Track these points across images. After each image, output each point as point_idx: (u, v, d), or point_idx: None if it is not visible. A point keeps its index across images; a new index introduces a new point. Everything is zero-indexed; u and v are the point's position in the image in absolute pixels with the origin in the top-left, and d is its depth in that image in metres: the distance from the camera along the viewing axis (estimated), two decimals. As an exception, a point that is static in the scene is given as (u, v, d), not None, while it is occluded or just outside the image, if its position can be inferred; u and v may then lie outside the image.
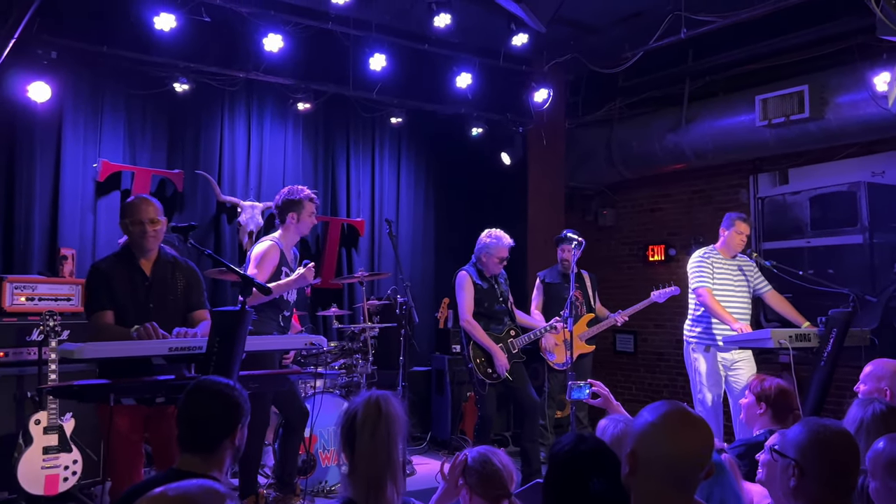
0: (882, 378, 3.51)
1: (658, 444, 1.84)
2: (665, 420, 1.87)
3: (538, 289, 6.44)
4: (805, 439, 2.05)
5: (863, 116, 5.96)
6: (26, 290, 4.91)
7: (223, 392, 2.36)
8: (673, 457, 1.82)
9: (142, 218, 3.53)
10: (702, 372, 5.43)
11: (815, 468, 2.00)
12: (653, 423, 1.88)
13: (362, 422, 2.20)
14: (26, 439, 4.43)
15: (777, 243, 7.09)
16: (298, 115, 6.93)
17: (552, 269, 6.50)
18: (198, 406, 2.33)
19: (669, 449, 1.82)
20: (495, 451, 2.77)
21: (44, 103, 5.43)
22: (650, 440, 1.86)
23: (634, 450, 1.88)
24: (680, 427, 1.85)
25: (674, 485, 1.82)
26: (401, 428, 2.24)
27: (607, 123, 8.00)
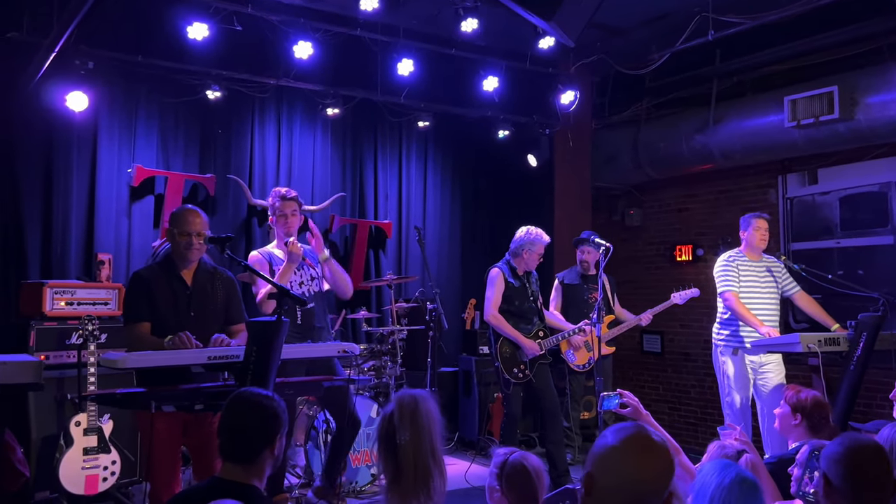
0: None
1: (616, 469, 1.80)
2: (625, 444, 1.82)
3: (557, 290, 6.47)
4: (835, 452, 2.11)
5: (893, 117, 5.91)
6: (66, 294, 5.06)
7: (262, 404, 2.43)
8: (630, 482, 1.78)
9: (189, 230, 3.61)
10: (730, 375, 5.44)
11: (840, 481, 2.06)
12: (613, 447, 1.83)
13: (400, 417, 2.24)
14: (67, 440, 4.56)
15: (806, 244, 7.06)
16: (327, 120, 7.02)
17: (571, 270, 6.52)
18: (238, 418, 2.40)
19: (627, 474, 1.79)
20: (527, 455, 2.85)
21: (81, 112, 5.56)
22: (608, 464, 1.82)
23: (591, 472, 1.84)
24: (640, 453, 1.81)
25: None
26: (437, 421, 2.29)
27: (634, 124, 7.99)
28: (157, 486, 3.46)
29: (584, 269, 6.36)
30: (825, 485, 2.10)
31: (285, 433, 2.48)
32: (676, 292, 6.28)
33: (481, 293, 7.17)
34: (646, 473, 1.79)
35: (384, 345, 5.86)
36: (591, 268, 6.43)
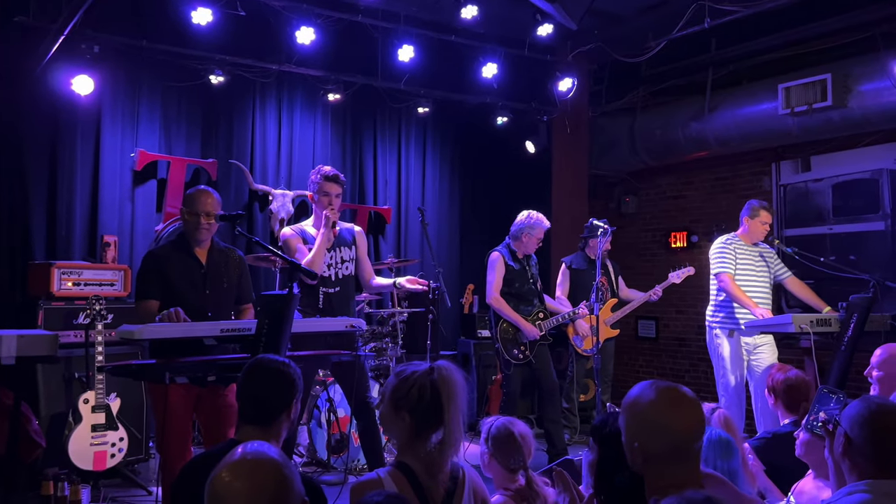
0: (892, 363, 3.59)
1: (661, 429, 1.91)
2: (659, 404, 1.95)
3: (564, 275, 6.55)
4: (859, 413, 2.16)
5: (886, 104, 6.02)
6: (73, 275, 5.13)
7: (280, 370, 2.51)
8: (676, 435, 1.91)
9: (199, 210, 3.68)
10: (725, 356, 5.54)
11: (862, 441, 2.12)
12: (646, 412, 1.95)
13: (447, 396, 2.26)
14: (76, 417, 4.64)
15: (799, 230, 7.18)
16: (327, 106, 7.10)
17: (577, 255, 6.61)
18: (258, 383, 2.48)
19: (672, 428, 1.91)
20: (515, 421, 2.97)
21: (86, 96, 5.62)
22: (652, 427, 1.93)
23: (634, 442, 1.96)
24: (674, 407, 1.94)
25: (682, 458, 1.92)
26: (465, 394, 2.36)
27: (630, 112, 8.09)
28: (170, 459, 3.54)
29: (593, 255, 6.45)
30: (846, 443, 2.15)
31: (300, 398, 2.57)
32: (673, 272, 6.40)
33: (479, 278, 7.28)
34: (686, 423, 1.93)
35: (385, 327, 5.96)
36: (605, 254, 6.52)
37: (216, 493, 1.52)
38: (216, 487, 1.53)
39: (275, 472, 1.54)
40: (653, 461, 1.93)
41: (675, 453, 1.91)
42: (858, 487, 2.08)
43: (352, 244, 4.61)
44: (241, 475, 1.52)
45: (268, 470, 1.54)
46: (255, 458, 1.57)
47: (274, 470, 1.55)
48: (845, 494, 2.09)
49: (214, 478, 1.54)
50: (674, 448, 1.91)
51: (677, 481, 1.87)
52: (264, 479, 1.52)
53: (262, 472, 1.53)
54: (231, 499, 1.49)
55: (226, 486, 1.51)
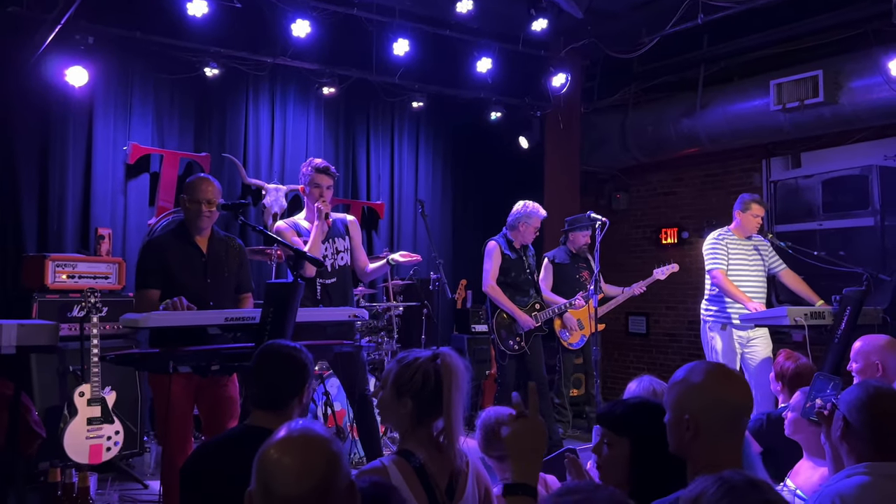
0: (870, 353, 3.61)
1: (715, 401, 1.94)
2: (712, 377, 1.98)
3: (547, 269, 6.49)
4: (858, 398, 2.20)
5: (876, 101, 6.09)
6: (67, 267, 5.08)
7: (292, 355, 2.50)
8: (731, 408, 1.94)
9: (199, 197, 3.66)
10: (718, 350, 5.57)
11: (861, 426, 2.16)
12: (702, 385, 1.96)
13: (449, 382, 2.25)
14: (71, 411, 4.58)
15: (789, 226, 7.24)
16: (320, 100, 7.07)
17: (559, 250, 6.57)
18: (269, 368, 2.47)
19: (726, 400, 1.94)
20: (500, 408, 2.97)
21: (79, 88, 5.57)
22: (706, 400, 1.94)
23: (689, 416, 1.95)
24: (726, 380, 1.98)
25: (732, 433, 1.95)
26: (467, 381, 2.36)
27: (622, 108, 8.13)
28: (172, 450, 3.51)
29: (580, 250, 6.47)
30: (844, 427, 2.19)
31: (312, 382, 2.56)
32: (657, 268, 6.43)
33: (472, 273, 7.30)
34: (739, 396, 1.97)
35: (380, 321, 5.95)
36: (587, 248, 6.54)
37: (266, 469, 1.50)
38: (265, 464, 1.50)
39: (324, 449, 1.52)
40: (704, 435, 1.93)
41: (727, 427, 1.94)
42: (857, 470, 2.11)
43: (345, 234, 4.58)
44: (290, 451, 1.50)
45: (317, 446, 1.52)
46: (303, 435, 1.54)
47: (323, 446, 1.52)
48: (844, 477, 2.11)
49: (263, 455, 1.52)
50: (728, 421, 1.93)
51: (725, 458, 1.88)
52: (315, 455, 1.50)
53: (312, 449, 1.51)
54: (280, 475, 1.47)
55: (275, 462, 1.48)
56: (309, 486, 1.46)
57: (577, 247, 6.46)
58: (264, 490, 1.48)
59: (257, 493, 1.50)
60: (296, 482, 1.46)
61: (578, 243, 6.44)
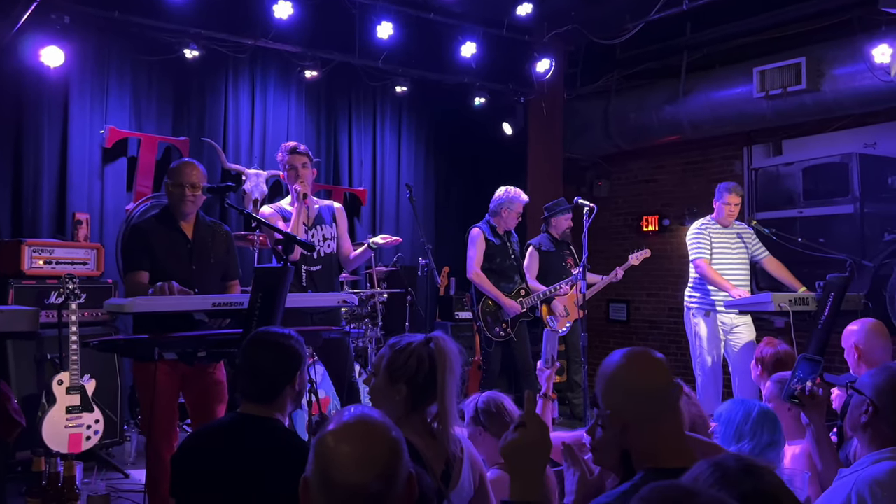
0: (857, 337, 3.63)
1: (629, 391, 1.83)
2: (621, 368, 1.86)
3: (532, 257, 6.43)
4: (884, 381, 2.17)
5: (858, 88, 6.12)
6: (44, 253, 4.97)
7: (281, 343, 2.44)
8: (646, 394, 1.81)
9: (183, 181, 3.57)
10: (702, 336, 5.59)
11: (890, 409, 2.13)
12: (614, 377, 1.86)
13: (442, 366, 2.22)
14: (49, 399, 4.49)
15: (770, 213, 7.28)
16: (301, 84, 6.97)
17: (542, 236, 6.52)
18: (258, 358, 2.40)
19: (641, 388, 1.82)
20: (499, 394, 2.95)
21: (55, 69, 5.43)
22: (620, 392, 1.85)
23: (613, 409, 1.86)
24: (637, 366, 1.86)
25: (658, 418, 1.82)
26: (460, 365, 2.33)
27: (605, 95, 8.11)
28: (157, 439, 3.43)
29: (563, 235, 6.44)
30: (873, 413, 2.15)
31: (305, 369, 2.50)
32: (632, 254, 6.46)
33: (455, 260, 7.25)
34: (649, 378, 1.83)
35: (364, 308, 5.90)
36: (569, 233, 6.52)
37: (325, 456, 1.42)
38: (325, 451, 1.42)
39: (386, 436, 1.45)
40: (632, 426, 1.83)
41: (651, 413, 1.81)
42: (884, 455, 2.09)
43: (333, 222, 4.53)
44: (351, 438, 1.42)
45: (379, 434, 1.45)
46: (363, 422, 1.47)
47: (385, 433, 1.45)
48: (871, 463, 2.09)
49: (321, 442, 1.44)
50: (648, 407, 1.81)
51: (663, 445, 1.80)
52: (377, 443, 1.43)
53: (374, 436, 1.44)
54: (340, 463, 1.39)
55: (335, 449, 1.41)
56: (372, 475, 1.39)
57: (560, 232, 6.42)
58: (322, 478, 1.41)
59: (314, 482, 1.43)
60: (357, 470, 1.39)
61: (561, 228, 6.40)
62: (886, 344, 3.63)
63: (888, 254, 6.50)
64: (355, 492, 1.38)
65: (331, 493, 1.40)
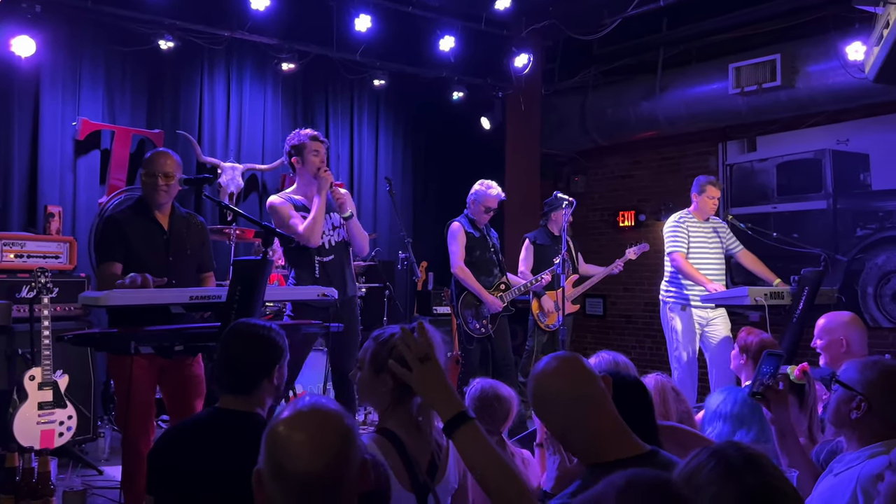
0: (835, 330, 3.66)
1: (547, 400, 1.83)
2: (536, 382, 1.86)
3: (528, 250, 6.40)
4: (876, 377, 2.14)
5: (831, 85, 6.20)
6: (15, 246, 4.88)
7: (259, 334, 2.39)
8: (561, 401, 1.82)
9: (156, 170, 3.51)
10: (678, 330, 5.62)
11: (883, 404, 2.11)
12: (534, 392, 1.86)
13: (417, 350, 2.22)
14: (21, 395, 4.41)
15: (744, 209, 7.35)
16: (278, 76, 6.91)
17: (540, 230, 6.54)
18: (234, 349, 2.35)
19: (555, 396, 1.82)
20: (498, 384, 2.94)
21: (26, 59, 5.33)
22: (542, 403, 1.86)
23: (544, 419, 1.88)
24: (548, 376, 1.85)
25: (582, 419, 1.81)
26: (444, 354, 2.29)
27: (582, 90, 8.13)
28: (134, 434, 3.37)
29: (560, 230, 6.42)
30: (867, 409, 2.13)
31: (286, 363, 2.46)
32: (630, 247, 6.46)
33: (433, 255, 7.24)
34: (560, 385, 1.83)
35: (341, 302, 5.85)
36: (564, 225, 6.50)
37: (276, 446, 1.41)
38: (276, 441, 1.41)
39: (338, 424, 1.44)
40: (566, 430, 1.82)
41: (573, 416, 1.80)
42: (878, 450, 2.09)
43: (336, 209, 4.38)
44: (302, 427, 1.41)
45: (331, 421, 1.44)
46: (315, 410, 1.45)
47: (337, 421, 1.44)
48: (867, 458, 2.08)
49: (272, 431, 1.43)
50: (568, 410, 1.80)
51: (598, 442, 1.79)
52: (329, 430, 1.42)
53: (326, 424, 1.43)
54: (292, 452, 1.38)
55: (286, 438, 1.40)
56: (323, 463, 1.38)
57: (560, 226, 6.41)
58: (274, 468, 1.40)
59: (267, 472, 1.42)
60: (310, 458, 1.37)
61: (560, 222, 6.37)
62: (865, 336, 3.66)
63: (860, 249, 6.61)
64: (307, 480, 1.38)
65: (283, 483, 1.39)
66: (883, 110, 6.39)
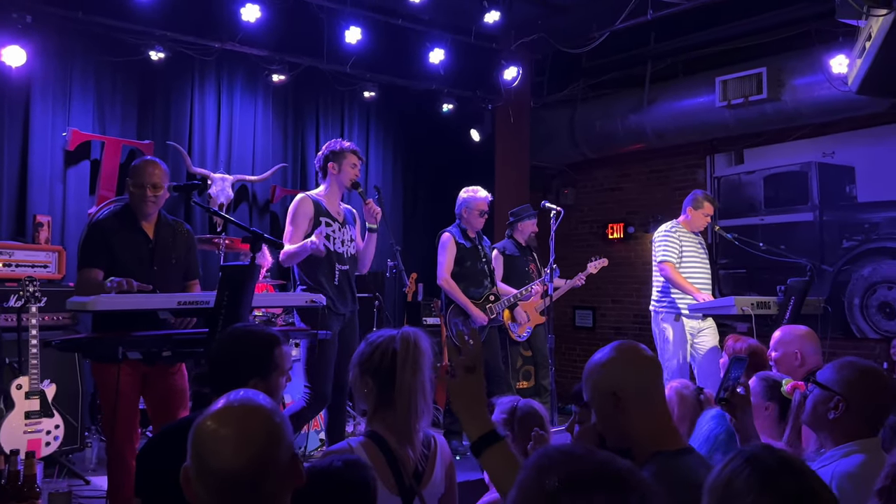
0: (790, 343, 3.66)
1: (628, 375, 1.95)
2: (620, 354, 2.01)
3: (497, 260, 6.37)
4: (853, 376, 2.16)
5: (817, 98, 6.27)
6: (3, 255, 4.87)
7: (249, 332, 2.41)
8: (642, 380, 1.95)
9: (144, 181, 3.50)
10: (670, 339, 5.63)
11: (860, 403, 2.12)
12: (611, 359, 1.99)
13: (403, 359, 2.20)
14: (7, 404, 4.39)
15: (732, 221, 7.40)
16: (269, 88, 6.93)
17: (507, 241, 6.51)
18: (222, 348, 2.37)
19: (637, 374, 1.95)
20: (532, 401, 2.89)
21: (16, 69, 5.34)
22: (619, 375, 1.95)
23: (614, 391, 1.94)
24: (633, 357, 2.01)
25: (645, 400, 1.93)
26: (430, 359, 2.30)
27: (571, 103, 8.19)
28: (120, 442, 3.36)
29: (528, 240, 6.45)
30: (844, 409, 2.13)
31: (283, 372, 2.43)
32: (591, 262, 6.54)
33: (422, 266, 7.25)
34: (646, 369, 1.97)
35: (331, 312, 5.85)
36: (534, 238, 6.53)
37: (201, 441, 1.39)
38: (200, 436, 1.39)
39: (264, 418, 1.42)
40: (626, 406, 1.91)
41: (643, 395, 1.92)
42: (851, 448, 2.11)
43: (354, 223, 4.61)
44: (227, 422, 1.39)
45: (257, 415, 1.41)
46: (242, 405, 1.43)
47: (263, 415, 1.42)
48: (841, 456, 2.11)
49: (198, 426, 1.41)
50: (641, 388, 1.92)
51: (656, 427, 1.89)
52: (254, 425, 1.39)
53: (251, 419, 1.40)
54: (216, 447, 1.37)
55: (210, 433, 1.38)
56: (246, 458, 1.36)
57: (525, 237, 6.43)
58: (199, 464, 1.38)
59: (193, 468, 1.40)
60: (233, 454, 1.35)
61: (526, 233, 6.40)
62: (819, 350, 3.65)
63: (846, 260, 6.67)
64: (229, 477, 1.36)
65: (206, 480, 1.38)
66: (868, 123, 6.48)
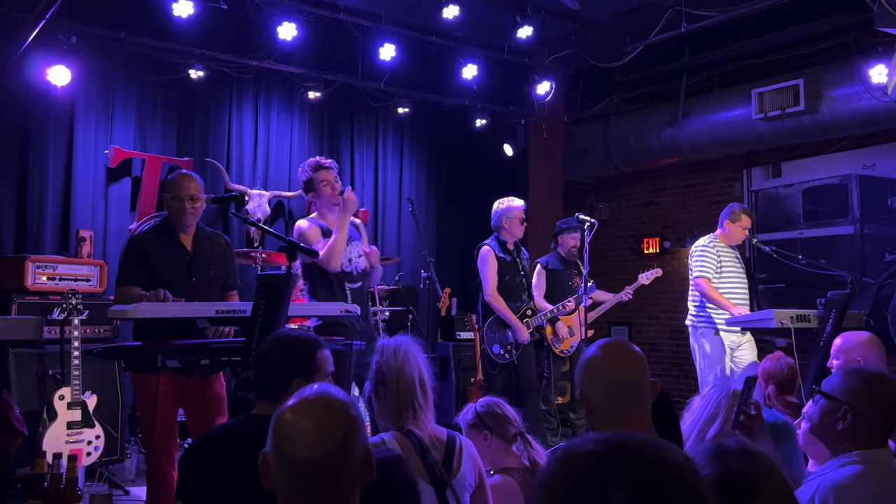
0: (852, 350, 3.60)
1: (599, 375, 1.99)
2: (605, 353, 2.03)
3: (540, 275, 6.42)
4: (862, 385, 2.12)
5: (855, 109, 6.18)
6: (48, 269, 4.97)
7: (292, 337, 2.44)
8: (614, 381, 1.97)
9: (182, 194, 3.55)
10: (708, 353, 5.55)
11: (869, 413, 2.09)
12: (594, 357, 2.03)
13: (392, 366, 2.49)
14: (50, 414, 4.47)
15: (770, 235, 7.29)
16: (304, 106, 7.05)
17: (551, 255, 6.53)
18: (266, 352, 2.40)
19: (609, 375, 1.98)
20: (496, 398, 3.05)
21: (62, 88, 5.49)
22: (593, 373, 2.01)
23: (583, 390, 2.02)
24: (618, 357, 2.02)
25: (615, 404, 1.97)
26: (421, 365, 2.52)
27: (605, 118, 8.17)
28: (158, 452, 3.39)
29: (570, 254, 6.43)
30: (853, 419, 2.10)
31: (325, 374, 2.46)
32: (642, 273, 6.46)
33: (456, 281, 7.27)
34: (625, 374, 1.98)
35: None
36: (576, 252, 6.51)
37: (282, 431, 1.46)
38: (281, 426, 1.47)
39: (343, 413, 1.48)
40: (597, 410, 1.98)
41: (611, 398, 1.95)
42: (851, 458, 2.07)
43: (360, 238, 4.54)
44: (306, 413, 1.46)
45: (336, 409, 1.48)
46: (321, 398, 1.51)
47: (342, 410, 1.49)
48: (838, 466, 2.07)
49: (279, 417, 1.48)
50: (609, 393, 1.95)
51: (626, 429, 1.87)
52: (333, 418, 1.47)
53: (330, 412, 1.48)
54: (296, 438, 1.43)
55: (291, 423, 1.45)
56: (323, 450, 1.42)
57: (567, 250, 6.41)
58: (279, 453, 1.45)
59: (272, 456, 1.46)
60: (311, 445, 1.42)
61: (567, 246, 6.39)
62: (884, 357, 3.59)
63: (889, 274, 6.52)
64: (306, 467, 1.43)
65: (285, 468, 1.45)
66: (909, 134, 6.37)
